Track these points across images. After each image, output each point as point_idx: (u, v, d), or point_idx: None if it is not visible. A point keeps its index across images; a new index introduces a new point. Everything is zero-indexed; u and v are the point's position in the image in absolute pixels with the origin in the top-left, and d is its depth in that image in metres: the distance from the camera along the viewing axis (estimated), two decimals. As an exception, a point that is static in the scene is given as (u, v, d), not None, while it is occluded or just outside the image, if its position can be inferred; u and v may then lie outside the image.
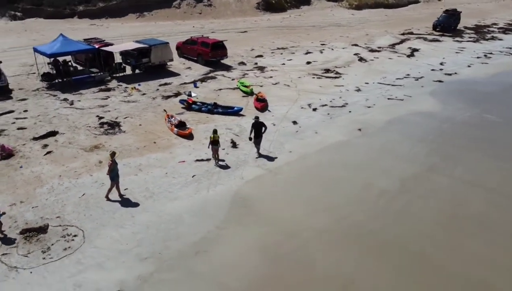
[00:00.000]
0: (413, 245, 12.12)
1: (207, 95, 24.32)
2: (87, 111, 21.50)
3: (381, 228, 12.86)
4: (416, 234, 12.55)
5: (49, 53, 24.70)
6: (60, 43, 25.34)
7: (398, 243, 12.17)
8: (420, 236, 12.44)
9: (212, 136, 16.01)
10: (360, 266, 11.17)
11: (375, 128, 20.31)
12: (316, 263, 11.16)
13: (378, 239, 12.26)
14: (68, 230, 12.43)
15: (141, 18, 52.61)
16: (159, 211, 13.40)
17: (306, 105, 23.05)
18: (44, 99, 23.39)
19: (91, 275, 10.64)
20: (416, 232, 12.62)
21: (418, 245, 12.05)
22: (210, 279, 10.57)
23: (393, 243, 12.15)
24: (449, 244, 12.17)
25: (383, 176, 15.80)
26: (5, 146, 16.72)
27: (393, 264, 11.30)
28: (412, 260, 11.49)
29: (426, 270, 11.13)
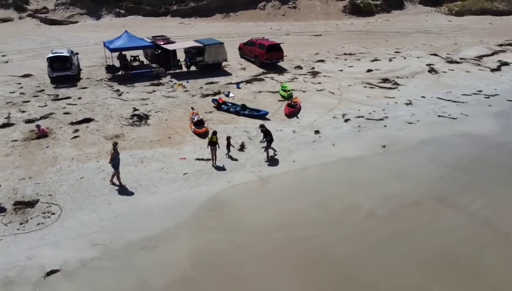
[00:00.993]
0: (375, 285, 10.68)
1: (244, 96, 24.53)
2: (128, 103, 23.26)
3: (346, 256, 11.76)
4: (386, 272, 11.08)
5: (111, 47, 27.26)
6: (122, 39, 27.76)
7: (356, 277, 10.91)
8: (390, 277, 10.93)
9: (210, 137, 16.18)
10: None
11: (403, 146, 18.48)
12: (245, 283, 10.64)
13: (334, 268, 11.20)
14: (51, 208, 13.72)
15: (226, 19, 54.72)
16: (134, 203, 14.05)
17: (340, 115, 21.89)
18: (100, 89, 25.88)
19: (44, 251, 11.64)
20: (386, 270, 11.15)
21: (383, 287, 10.66)
22: (137, 274, 10.81)
23: (349, 277, 10.94)
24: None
25: (379, 199, 14.38)
26: (41, 127, 18.93)
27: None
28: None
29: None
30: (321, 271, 11.04)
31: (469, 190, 14.98)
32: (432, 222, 13.25)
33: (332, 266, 11.23)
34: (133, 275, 10.79)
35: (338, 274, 10.91)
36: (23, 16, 59.78)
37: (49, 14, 57.96)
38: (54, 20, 56.41)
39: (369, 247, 11.97)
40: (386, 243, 12.29)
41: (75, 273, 10.88)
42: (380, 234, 12.63)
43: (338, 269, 11.12)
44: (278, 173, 16.14)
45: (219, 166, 16.52)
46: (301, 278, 10.77)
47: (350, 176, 16.05)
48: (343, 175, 16.07)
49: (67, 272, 10.88)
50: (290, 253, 11.73)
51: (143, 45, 28.38)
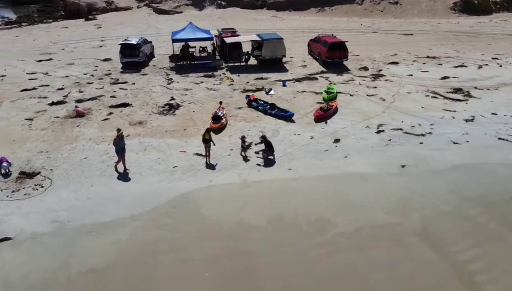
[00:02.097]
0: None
1: (284, 95, 23.74)
2: (171, 92, 24.30)
3: (275, 285, 10.71)
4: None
5: (173, 38, 28.69)
6: (185, 30, 29.00)
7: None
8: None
9: (203, 134, 16.10)
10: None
11: (426, 169, 15.94)
12: (150, 289, 10.41)
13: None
14: (45, 181, 15.18)
15: (320, 13, 53.24)
16: (113, 188, 14.74)
17: (375, 125, 19.77)
18: (156, 76, 27.53)
19: (13, 219, 12.98)
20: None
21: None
22: (66, 255, 11.36)
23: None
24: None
25: (353, 225, 12.70)
26: (78, 108, 20.93)
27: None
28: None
29: None
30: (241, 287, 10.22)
31: (473, 234, 12.28)
32: (400, 261, 11.21)
33: (254, 285, 10.29)
34: (63, 256, 11.38)
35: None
36: (141, 5, 66.35)
37: (160, 4, 63.29)
38: (163, 9, 61.39)
39: (309, 278, 10.65)
40: (333, 276, 10.80)
41: (22, 244, 11.88)
42: (330, 264, 11.16)
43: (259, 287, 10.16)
44: (264, 179, 15.30)
45: (212, 164, 16.30)
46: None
47: (340, 193, 14.42)
48: (333, 192, 14.52)
49: (16, 242, 11.95)
50: (218, 267, 11.09)
51: (202, 37, 29.16)
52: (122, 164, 15.67)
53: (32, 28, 51.31)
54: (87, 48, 37.46)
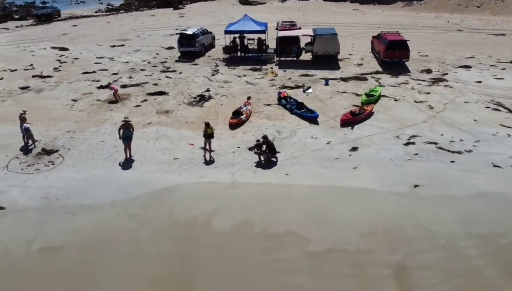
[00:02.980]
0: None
1: (321, 95, 22.56)
2: (209, 83, 24.61)
3: (211, 287, 10.32)
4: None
5: (225, 29, 28.91)
6: (239, 22, 29.05)
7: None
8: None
9: (204, 129, 16.03)
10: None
11: (442, 194, 13.87)
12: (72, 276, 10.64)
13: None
14: (58, 159, 16.46)
15: (407, 7, 49.47)
16: (110, 173, 15.40)
17: (406, 136, 17.78)
18: (205, 67, 28.10)
19: (14, 191, 14.30)
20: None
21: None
22: (36, 232, 12.15)
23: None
24: None
25: (319, 245, 11.60)
26: (112, 86, 22.01)
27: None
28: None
29: None
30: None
31: (459, 279, 10.34)
32: (346, 284, 9.95)
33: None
34: (34, 231, 12.22)
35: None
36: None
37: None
38: (247, 0, 62.19)
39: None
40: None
41: (9, 215, 13.04)
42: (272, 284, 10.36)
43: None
44: (255, 182, 14.69)
45: (211, 160, 16.12)
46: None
47: (327, 208, 13.21)
48: (320, 205, 13.37)
49: (6, 212, 13.16)
50: (160, 267, 10.95)
51: (253, 30, 28.85)
52: (128, 151, 16.18)
53: (125, 15, 55.85)
54: (160, 36, 39.54)
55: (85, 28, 44.85)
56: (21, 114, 17.26)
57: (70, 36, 40.07)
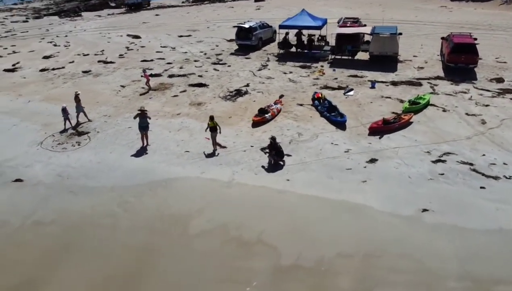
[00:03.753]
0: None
1: (361, 98, 21.20)
2: (252, 78, 24.50)
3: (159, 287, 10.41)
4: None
5: (280, 24, 28.49)
6: (295, 17, 28.44)
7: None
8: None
9: (209, 123, 16.07)
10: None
11: (452, 224, 12.22)
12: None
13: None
14: (85, 141, 17.76)
15: (505, 6, 44.11)
16: (122, 159, 16.15)
17: (439, 152, 15.97)
18: (255, 61, 28.03)
19: (37, 166, 15.76)
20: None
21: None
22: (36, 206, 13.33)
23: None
24: None
25: (287, 259, 11.00)
26: (146, 73, 22.88)
27: None
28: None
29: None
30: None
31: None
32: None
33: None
34: (36, 206, 13.38)
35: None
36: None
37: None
38: (328, -7, 60.04)
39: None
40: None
41: (24, 187, 14.46)
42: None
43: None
44: (252, 184, 14.36)
45: (217, 155, 16.12)
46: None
47: (313, 221, 12.44)
48: (308, 218, 12.64)
49: (23, 184, 14.60)
50: (120, 258, 11.26)
51: (309, 25, 27.89)
52: (146, 140, 16.84)
53: (207, 6, 57.69)
54: (227, 28, 40.13)
55: (164, 18, 47.32)
56: (76, 95, 18.56)
57: (148, 25, 42.60)
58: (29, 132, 18.44)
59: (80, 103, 18.72)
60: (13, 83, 24.89)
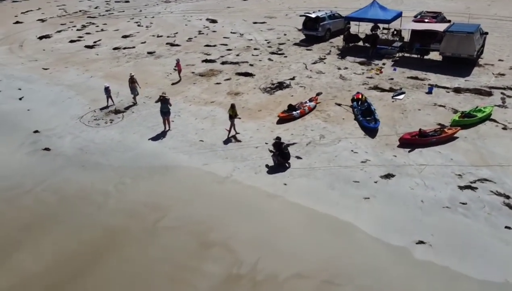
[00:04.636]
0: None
1: (409, 104, 19.09)
2: (300, 72, 23.58)
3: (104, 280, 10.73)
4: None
5: (345, 16, 26.79)
6: (364, 9, 26.49)
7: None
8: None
9: (229, 110, 16.03)
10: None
11: (444, 266, 10.43)
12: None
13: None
14: (118, 119, 18.85)
15: None
16: (140, 141, 16.68)
17: (474, 177, 13.72)
18: (314, 54, 26.89)
19: (68, 137, 17.12)
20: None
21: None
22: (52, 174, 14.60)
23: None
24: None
25: (245, 267, 10.52)
26: (178, 62, 22.93)
27: None
28: None
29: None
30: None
31: None
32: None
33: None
34: (49, 174, 14.60)
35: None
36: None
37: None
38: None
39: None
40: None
41: (48, 155, 15.91)
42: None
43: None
44: (245, 184, 13.85)
45: (227, 147, 15.91)
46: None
47: (289, 232, 11.64)
48: (283, 226, 11.84)
49: (49, 153, 16.10)
50: (88, 232, 11.78)
51: (375, 18, 25.65)
52: (168, 125, 17.32)
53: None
54: (304, 16, 39.00)
55: (250, 3, 47.56)
56: (131, 77, 19.67)
57: (231, 10, 43.26)
58: (77, 106, 20.09)
59: (135, 85, 19.56)
60: (87, 59, 27.28)
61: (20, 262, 10.75)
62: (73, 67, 25.74)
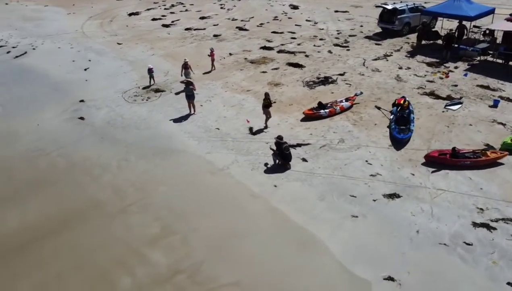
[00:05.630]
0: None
1: (461, 117, 16.47)
2: (355, 68, 21.86)
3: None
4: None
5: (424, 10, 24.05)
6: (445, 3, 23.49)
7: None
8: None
9: (263, 99, 15.71)
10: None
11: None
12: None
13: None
14: (154, 98, 19.59)
15: None
16: (162, 120, 17.21)
17: (496, 214, 11.42)
18: (382, 49, 24.70)
19: (104, 109, 18.42)
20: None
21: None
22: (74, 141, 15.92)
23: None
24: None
25: (187, 261, 10.29)
26: (213, 51, 22.31)
27: None
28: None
29: None
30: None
31: None
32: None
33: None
34: (71, 141, 15.90)
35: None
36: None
37: None
38: None
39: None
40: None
41: (81, 124, 17.35)
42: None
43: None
44: (235, 179, 13.35)
45: (238, 138, 15.56)
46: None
47: (250, 238, 11.06)
48: (249, 230, 11.24)
49: (82, 122, 17.52)
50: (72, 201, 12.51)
51: (455, 14, 22.35)
52: (193, 108, 17.56)
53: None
54: (395, 7, 35.85)
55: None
56: (185, 63, 19.90)
57: (321, -4, 41.63)
58: (126, 81, 21.37)
59: (188, 71, 19.81)
60: (157, 37, 28.77)
61: (3, 216, 11.85)
62: (142, 44, 27.29)
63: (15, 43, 28.99)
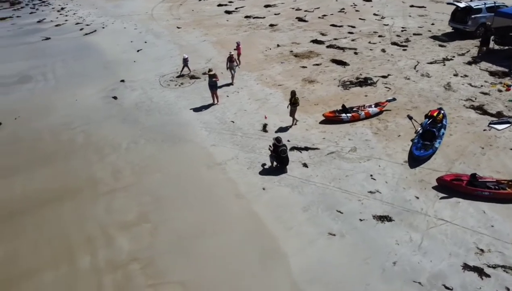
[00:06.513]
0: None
1: (505, 138, 14.44)
2: (404, 70, 20.11)
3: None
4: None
5: (498, 10, 21.20)
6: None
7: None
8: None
9: (290, 97, 15.17)
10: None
11: None
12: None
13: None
14: (187, 84, 19.97)
15: None
16: (184, 107, 17.55)
17: (497, 260, 9.88)
18: (444, 52, 22.44)
19: (138, 91, 19.22)
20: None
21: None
22: (99, 121, 16.85)
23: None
24: None
25: (135, 262, 10.47)
26: (239, 45, 21.45)
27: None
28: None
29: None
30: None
31: None
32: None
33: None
34: (96, 120, 16.87)
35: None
36: None
37: None
38: None
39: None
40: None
41: (112, 103, 18.38)
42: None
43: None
44: (226, 176, 13.05)
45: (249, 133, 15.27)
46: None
47: (212, 238, 10.82)
48: (213, 231, 11.04)
49: (113, 102, 18.45)
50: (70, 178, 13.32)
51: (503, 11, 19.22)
52: (216, 98, 17.63)
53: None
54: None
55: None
56: (231, 56, 19.22)
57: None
58: (169, 65, 22.08)
59: (233, 64, 19.42)
60: (216, 23, 29.16)
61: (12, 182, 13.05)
62: (199, 29, 27.87)
63: (90, 21, 31.39)
